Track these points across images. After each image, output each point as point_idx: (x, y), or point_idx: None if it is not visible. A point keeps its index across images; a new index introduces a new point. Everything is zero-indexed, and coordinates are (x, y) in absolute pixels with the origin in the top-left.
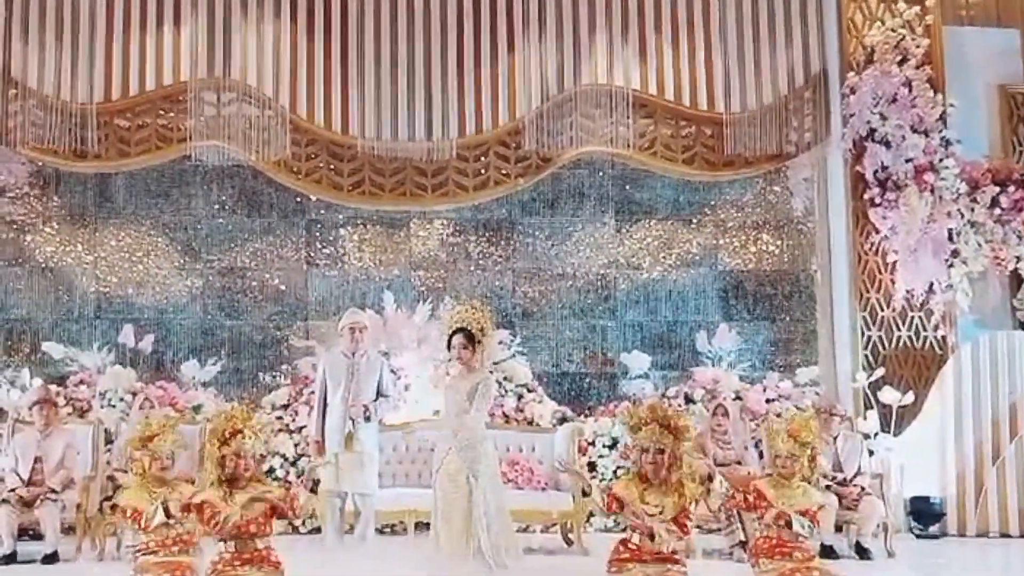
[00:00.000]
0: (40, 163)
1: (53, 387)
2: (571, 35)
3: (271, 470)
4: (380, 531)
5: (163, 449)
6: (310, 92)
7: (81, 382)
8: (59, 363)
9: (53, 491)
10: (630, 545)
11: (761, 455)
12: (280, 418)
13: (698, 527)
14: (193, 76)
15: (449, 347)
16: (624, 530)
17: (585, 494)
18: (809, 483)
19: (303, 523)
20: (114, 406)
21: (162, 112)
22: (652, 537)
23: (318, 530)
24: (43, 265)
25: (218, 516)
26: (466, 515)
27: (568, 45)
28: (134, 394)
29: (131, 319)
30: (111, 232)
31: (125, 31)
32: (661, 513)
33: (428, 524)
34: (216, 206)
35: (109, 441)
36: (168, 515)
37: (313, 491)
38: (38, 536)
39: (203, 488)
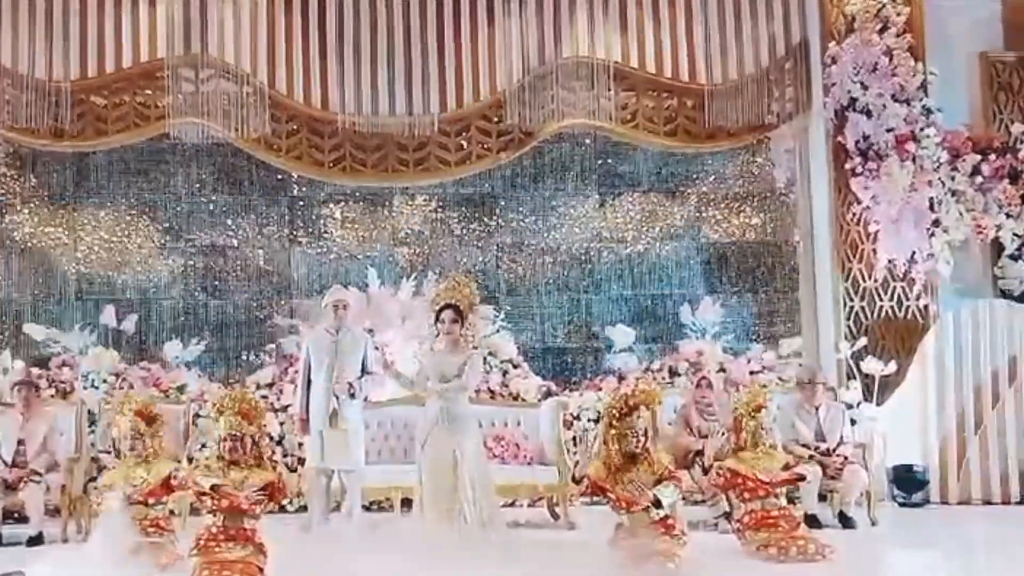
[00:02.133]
0: (16, 143)
1: (35, 369)
2: (551, 7)
3: None
4: (367, 508)
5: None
6: (289, 68)
7: (63, 364)
8: (41, 345)
9: (36, 473)
10: (625, 526)
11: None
12: (265, 397)
13: (683, 499)
14: (170, 53)
15: (437, 322)
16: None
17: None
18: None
19: (290, 501)
20: (97, 387)
21: (139, 90)
22: (658, 503)
23: (305, 508)
24: (22, 246)
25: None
26: (452, 489)
27: (548, 18)
28: (117, 375)
29: (113, 300)
30: (90, 212)
31: (100, 7)
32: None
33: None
34: (196, 184)
35: (92, 422)
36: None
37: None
38: (23, 519)
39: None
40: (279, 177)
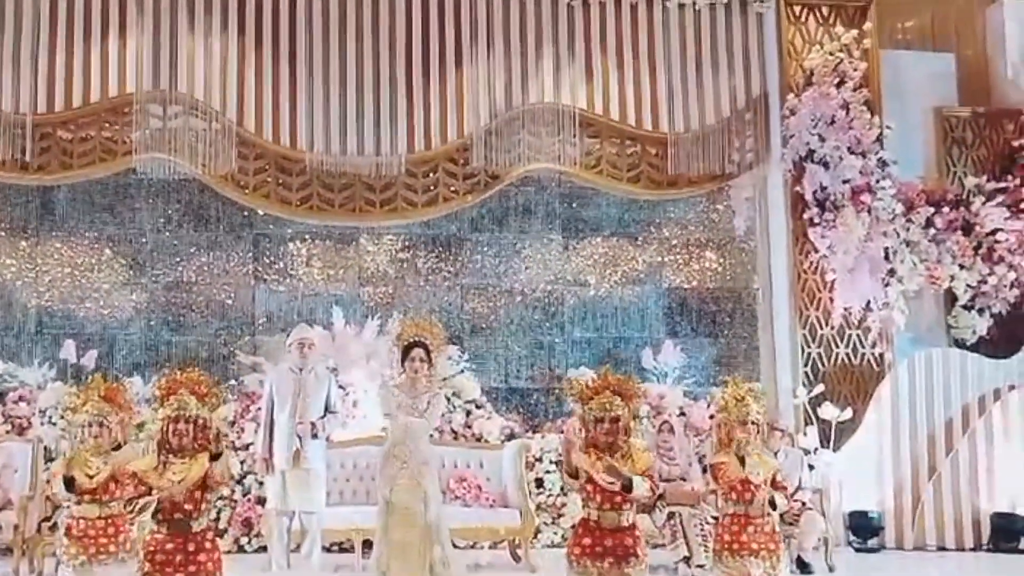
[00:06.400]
0: None
1: None
2: (518, 54)
3: None
4: (327, 549)
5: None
6: (258, 105)
7: (20, 399)
8: None
9: None
10: (590, 524)
11: (705, 470)
12: (226, 435)
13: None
14: (138, 88)
15: (405, 360)
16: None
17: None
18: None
19: (249, 541)
20: (54, 423)
21: (106, 124)
22: (629, 488)
23: (264, 548)
24: None
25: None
26: (423, 531)
27: (515, 64)
28: (74, 410)
29: (73, 334)
30: (53, 246)
31: (69, 41)
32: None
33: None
34: (162, 220)
35: (49, 459)
36: (70, 488)
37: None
38: None
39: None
40: (245, 214)
